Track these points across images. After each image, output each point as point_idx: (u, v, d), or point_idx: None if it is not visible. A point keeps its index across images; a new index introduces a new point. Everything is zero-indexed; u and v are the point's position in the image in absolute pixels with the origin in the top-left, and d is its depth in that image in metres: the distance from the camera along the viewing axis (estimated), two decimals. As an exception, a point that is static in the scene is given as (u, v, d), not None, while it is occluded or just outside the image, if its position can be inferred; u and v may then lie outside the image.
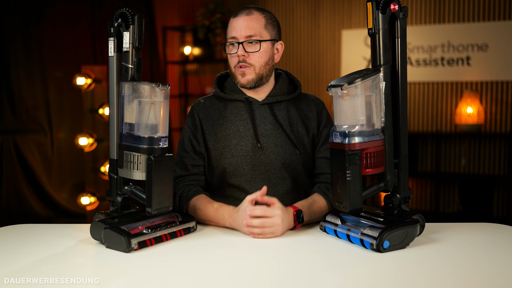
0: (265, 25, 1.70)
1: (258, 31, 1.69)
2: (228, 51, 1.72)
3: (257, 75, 1.70)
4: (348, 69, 4.84)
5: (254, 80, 1.71)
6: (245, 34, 1.68)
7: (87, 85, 3.84)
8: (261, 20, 1.70)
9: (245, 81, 1.71)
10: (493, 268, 1.23)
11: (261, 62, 1.70)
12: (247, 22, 1.68)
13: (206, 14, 5.14)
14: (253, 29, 1.68)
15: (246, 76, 1.70)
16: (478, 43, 4.49)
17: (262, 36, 1.69)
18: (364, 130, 1.36)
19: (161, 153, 1.41)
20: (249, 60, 1.69)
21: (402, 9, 1.43)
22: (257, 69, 1.70)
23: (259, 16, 1.71)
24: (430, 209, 4.70)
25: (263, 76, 1.72)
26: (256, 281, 1.17)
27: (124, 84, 1.43)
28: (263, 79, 1.73)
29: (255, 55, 1.69)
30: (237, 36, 1.68)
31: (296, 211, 1.56)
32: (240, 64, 1.69)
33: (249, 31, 1.68)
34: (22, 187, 4.38)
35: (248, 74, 1.70)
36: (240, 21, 1.69)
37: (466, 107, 4.38)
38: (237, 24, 1.69)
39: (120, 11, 1.47)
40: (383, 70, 1.41)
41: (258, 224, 1.48)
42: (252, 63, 1.69)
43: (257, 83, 1.72)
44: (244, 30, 1.68)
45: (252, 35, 1.68)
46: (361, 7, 4.85)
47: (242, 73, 1.70)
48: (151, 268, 1.25)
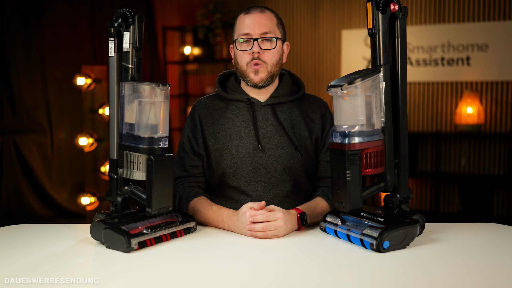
0: (276, 24, 1.70)
1: (272, 29, 1.67)
2: (241, 48, 1.68)
3: (269, 73, 1.68)
4: (348, 69, 4.84)
5: (267, 78, 1.69)
6: (260, 31, 1.65)
7: (87, 85, 3.84)
8: (273, 18, 1.70)
9: (258, 79, 1.68)
10: (493, 268, 1.23)
11: (273, 60, 1.68)
12: (261, 19, 1.66)
13: (206, 14, 5.13)
14: (267, 26, 1.66)
15: (259, 74, 1.67)
16: (478, 43, 4.49)
17: (276, 34, 1.68)
18: (364, 130, 1.36)
19: (161, 153, 1.41)
20: (263, 57, 1.67)
21: (402, 9, 1.43)
22: (270, 67, 1.68)
23: (271, 15, 1.70)
24: (430, 209, 4.70)
25: (274, 75, 1.71)
26: (256, 281, 1.17)
27: (124, 84, 1.43)
28: (273, 78, 1.71)
29: (269, 53, 1.67)
30: (252, 32, 1.66)
31: (299, 214, 1.55)
32: (254, 61, 1.66)
33: (264, 28, 1.66)
34: (22, 187, 4.38)
35: (261, 72, 1.67)
36: (253, 18, 1.67)
37: (466, 107, 4.38)
38: (250, 21, 1.66)
39: (120, 11, 1.47)
40: (383, 70, 1.41)
41: (260, 228, 1.48)
42: (265, 61, 1.67)
43: (268, 82, 1.70)
44: (259, 27, 1.65)
45: (267, 32, 1.66)
46: (361, 7, 4.85)
47: (255, 71, 1.67)
48: (151, 268, 1.25)
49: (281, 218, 1.48)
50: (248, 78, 1.69)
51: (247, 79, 1.70)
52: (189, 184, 1.73)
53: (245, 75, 1.70)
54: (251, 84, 1.70)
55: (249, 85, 1.71)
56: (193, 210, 1.66)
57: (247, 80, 1.70)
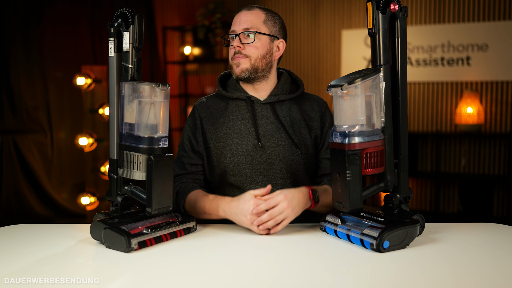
0: (264, 21, 1.73)
1: (255, 25, 1.71)
2: (227, 44, 1.76)
3: (251, 66, 1.71)
4: (348, 69, 4.84)
5: (248, 71, 1.71)
6: (242, 27, 1.71)
7: (87, 85, 3.84)
8: (260, 15, 1.73)
9: (239, 70, 1.72)
10: (493, 268, 1.23)
11: (257, 54, 1.71)
12: (246, 16, 1.72)
13: (206, 14, 5.14)
14: (250, 22, 1.71)
15: (240, 66, 1.71)
16: (478, 43, 4.49)
17: (259, 30, 1.72)
18: (364, 130, 1.36)
19: (161, 153, 1.41)
20: (245, 51, 1.71)
21: (402, 9, 1.43)
22: (253, 60, 1.71)
23: (259, 12, 1.74)
24: (430, 209, 4.70)
25: (259, 69, 1.73)
26: (256, 281, 1.17)
27: (124, 84, 1.43)
28: (259, 72, 1.73)
29: (250, 47, 1.70)
30: (235, 29, 1.72)
31: (312, 190, 1.57)
32: (236, 55, 1.71)
33: (245, 24, 1.71)
34: (22, 187, 4.38)
35: (242, 64, 1.71)
36: (240, 15, 1.74)
37: (466, 107, 4.38)
38: (237, 18, 1.74)
39: (120, 11, 1.47)
40: (383, 70, 1.41)
41: (267, 217, 1.48)
42: (248, 54, 1.71)
43: (252, 74, 1.72)
44: (242, 24, 1.71)
45: (248, 28, 1.70)
46: (361, 7, 4.85)
47: (237, 63, 1.72)
48: (151, 268, 1.25)
49: (283, 201, 1.49)
50: (232, 71, 1.75)
51: (232, 73, 1.75)
52: (187, 180, 1.75)
53: (231, 69, 1.76)
54: (235, 77, 1.75)
55: (235, 78, 1.76)
56: (190, 202, 1.66)
57: (232, 74, 1.76)
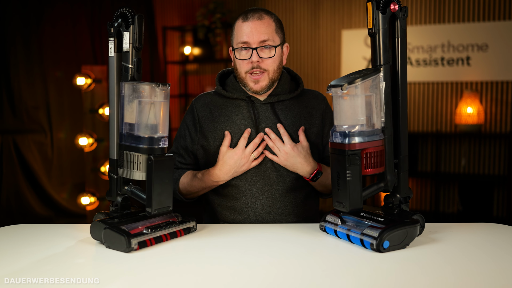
0: (275, 29, 1.68)
1: (271, 36, 1.66)
2: (240, 57, 1.67)
3: (270, 80, 1.68)
4: (348, 69, 4.84)
5: (268, 86, 1.69)
6: (258, 39, 1.64)
7: (87, 85, 3.84)
8: (271, 24, 1.67)
9: (258, 87, 1.68)
10: (493, 268, 1.23)
11: (274, 66, 1.68)
12: (259, 27, 1.65)
13: (206, 14, 5.14)
14: (266, 34, 1.64)
15: (260, 83, 1.67)
16: (478, 43, 4.49)
17: (274, 41, 1.67)
18: (364, 130, 1.36)
19: (161, 153, 1.41)
20: (263, 65, 1.66)
21: (402, 9, 1.43)
22: (271, 74, 1.68)
23: (270, 20, 1.68)
24: (430, 209, 4.70)
25: (275, 81, 1.71)
26: (256, 281, 1.17)
27: (124, 84, 1.43)
28: (274, 83, 1.72)
29: (269, 61, 1.66)
30: (250, 41, 1.64)
31: (317, 171, 1.68)
32: (253, 70, 1.66)
33: (262, 36, 1.64)
34: (22, 187, 4.38)
35: (262, 81, 1.67)
36: (252, 25, 1.65)
37: (466, 107, 4.38)
38: (249, 29, 1.65)
39: (120, 11, 1.47)
40: (383, 70, 1.41)
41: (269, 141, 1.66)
42: (266, 68, 1.66)
43: (269, 88, 1.71)
44: (257, 36, 1.64)
45: (265, 40, 1.64)
46: (361, 7, 4.85)
47: (255, 80, 1.67)
48: (151, 268, 1.25)
49: (290, 146, 1.65)
50: (248, 86, 1.70)
51: (247, 87, 1.71)
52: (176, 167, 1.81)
53: (245, 83, 1.70)
54: (251, 92, 1.71)
55: (250, 93, 1.73)
56: (183, 184, 1.74)
57: (247, 88, 1.71)
